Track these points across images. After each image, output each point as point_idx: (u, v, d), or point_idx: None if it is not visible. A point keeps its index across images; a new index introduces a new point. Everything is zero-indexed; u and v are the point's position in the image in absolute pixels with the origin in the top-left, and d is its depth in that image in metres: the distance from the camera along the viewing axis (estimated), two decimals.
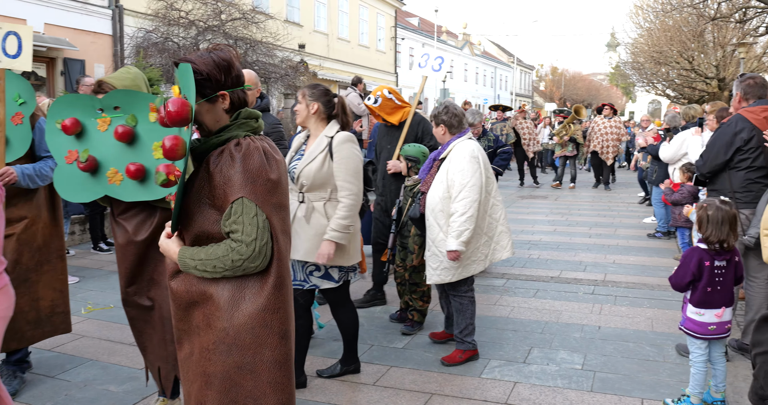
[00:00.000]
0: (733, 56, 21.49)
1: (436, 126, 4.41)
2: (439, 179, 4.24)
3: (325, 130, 3.83)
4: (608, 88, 74.94)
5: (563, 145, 15.16)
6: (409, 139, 5.57)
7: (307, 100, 3.82)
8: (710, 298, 3.68)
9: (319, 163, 3.73)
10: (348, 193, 3.74)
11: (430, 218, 4.27)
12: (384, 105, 5.56)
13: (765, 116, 4.25)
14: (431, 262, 4.32)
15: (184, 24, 13.35)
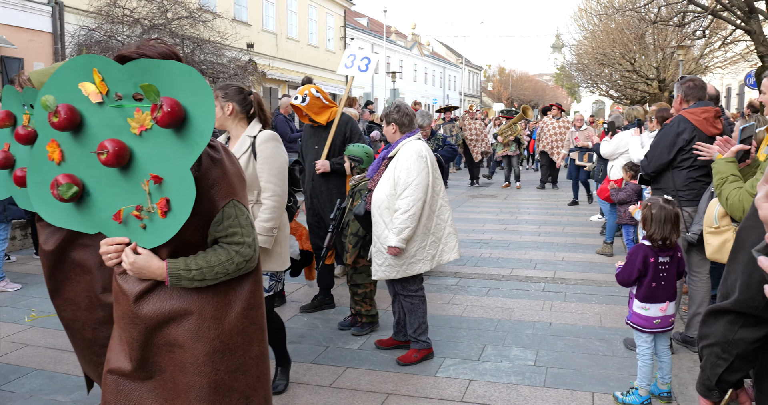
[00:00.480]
0: (673, 58, 22.23)
1: (386, 124, 4.40)
2: (386, 177, 4.27)
3: (247, 130, 3.68)
4: (554, 89, 76.59)
5: (506, 145, 15.31)
6: (338, 140, 5.54)
7: (221, 102, 3.62)
8: (655, 293, 3.81)
9: (242, 164, 3.54)
10: (271, 194, 3.60)
11: (375, 215, 4.29)
12: (312, 104, 5.44)
13: (705, 117, 4.41)
14: (376, 258, 4.33)
15: (128, 22, 13.04)
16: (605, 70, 29.33)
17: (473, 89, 69.42)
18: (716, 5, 10.87)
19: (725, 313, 1.39)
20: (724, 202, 3.05)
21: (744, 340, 1.38)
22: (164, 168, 1.96)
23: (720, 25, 15.71)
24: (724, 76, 29.03)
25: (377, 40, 41.23)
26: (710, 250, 3.42)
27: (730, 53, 23.69)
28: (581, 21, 29.69)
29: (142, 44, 2.10)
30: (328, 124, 5.55)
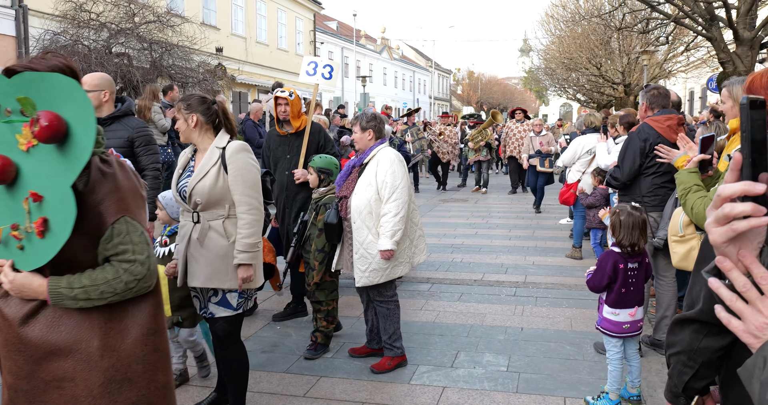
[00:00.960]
0: (637, 63, 22.66)
1: (362, 131, 4.39)
2: (366, 182, 4.27)
3: (215, 141, 3.48)
4: (522, 92, 77.41)
5: (477, 150, 15.26)
6: (311, 148, 5.43)
7: (183, 114, 3.45)
8: (624, 299, 3.89)
9: (212, 177, 3.37)
10: (248, 207, 3.41)
11: (357, 221, 4.26)
12: (296, 102, 5.34)
13: (668, 125, 4.53)
14: (360, 264, 4.29)
15: (94, 26, 12.86)
16: (572, 75, 29.78)
17: (443, 93, 69.83)
18: (679, 13, 11.12)
19: (691, 322, 1.44)
20: (689, 212, 3.12)
21: (709, 349, 1.42)
22: (45, 185, 1.86)
23: (683, 31, 16.09)
24: (687, 80, 29.68)
25: (347, 44, 41.25)
26: (676, 258, 3.51)
27: (693, 58, 24.26)
28: (548, 26, 30.13)
29: (35, 58, 2.00)
30: (297, 133, 5.44)
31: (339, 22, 45.38)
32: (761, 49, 10.89)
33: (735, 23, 9.87)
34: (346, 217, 4.37)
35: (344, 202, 4.39)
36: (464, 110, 64.63)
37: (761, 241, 1.07)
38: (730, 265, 1.05)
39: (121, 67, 12.27)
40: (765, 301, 1.02)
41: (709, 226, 1.09)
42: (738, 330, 1.06)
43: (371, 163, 4.34)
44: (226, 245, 3.41)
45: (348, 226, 4.42)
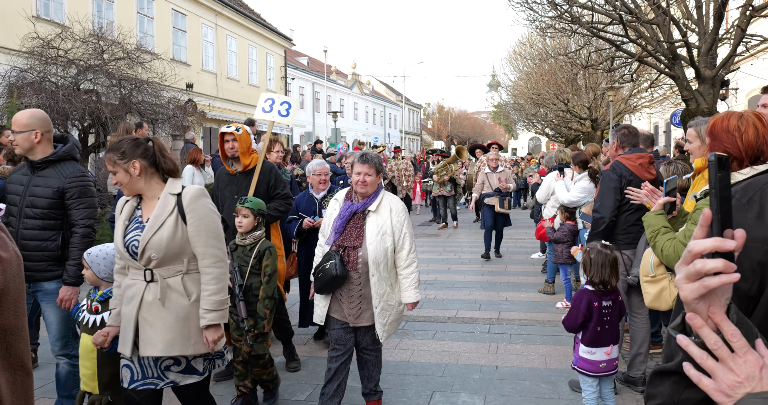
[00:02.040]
0: (603, 99, 23.18)
1: (377, 174, 4.06)
2: (379, 231, 4.00)
3: (167, 188, 3.13)
4: (492, 126, 78.56)
5: (442, 185, 14.87)
6: (261, 188, 5.15)
7: (121, 165, 3.06)
8: (600, 337, 3.88)
9: (170, 229, 3.02)
10: (213, 260, 3.08)
11: (376, 274, 3.98)
12: (244, 138, 5.12)
13: (640, 163, 4.61)
14: (381, 318, 4.03)
15: (62, 63, 12.73)
16: (540, 110, 30.32)
17: (413, 127, 70.51)
18: (642, 52, 11.43)
19: (670, 374, 1.41)
20: (659, 254, 3.16)
21: (689, 400, 1.40)
22: None
23: (647, 69, 16.55)
24: (652, 115, 30.44)
25: (318, 80, 41.56)
26: (648, 298, 3.53)
27: (656, 94, 24.92)
28: (516, 63, 30.78)
29: None
30: (247, 172, 5.19)
31: (310, 58, 45.78)
32: (722, 86, 11.25)
33: (696, 62, 10.18)
34: (355, 268, 4.00)
35: (352, 252, 4.00)
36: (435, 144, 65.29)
37: (728, 297, 1.06)
38: (700, 322, 1.04)
39: (89, 104, 12.14)
40: (736, 360, 1.01)
41: (680, 282, 1.08)
42: (709, 388, 1.03)
43: (380, 210, 4.06)
44: (187, 305, 3.06)
45: (358, 278, 4.03)
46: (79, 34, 13.46)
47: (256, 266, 4.37)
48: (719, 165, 1.02)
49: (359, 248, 4.00)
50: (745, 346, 1.02)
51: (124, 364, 3.14)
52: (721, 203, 1.02)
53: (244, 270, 4.36)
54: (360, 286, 4.01)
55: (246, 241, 4.42)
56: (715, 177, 1.02)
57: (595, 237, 4.67)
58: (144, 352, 3.04)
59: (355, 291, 4.03)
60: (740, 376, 1.00)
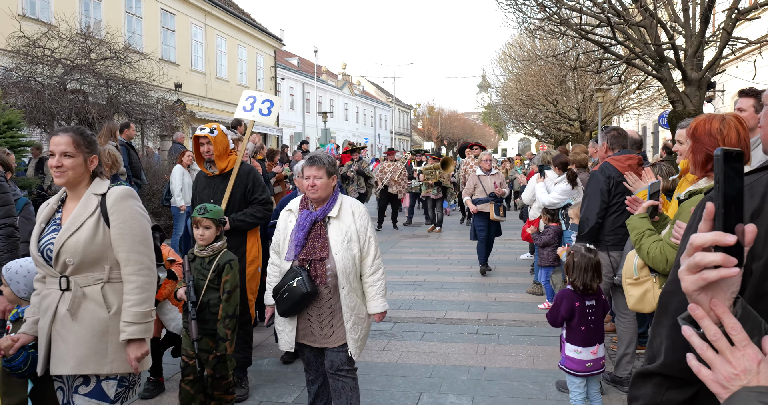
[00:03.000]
0: (592, 100, 23.29)
1: (329, 176, 3.64)
2: (344, 238, 3.63)
3: (91, 187, 2.84)
4: (482, 127, 78.75)
5: (429, 186, 14.70)
6: (237, 192, 4.87)
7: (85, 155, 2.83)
8: (586, 337, 3.90)
9: (89, 230, 2.71)
10: (138, 267, 2.75)
11: (346, 286, 3.62)
12: (220, 139, 4.80)
13: (629, 164, 4.65)
14: (353, 333, 3.66)
15: (48, 62, 12.65)
16: (530, 111, 30.44)
17: (404, 128, 70.58)
18: (630, 54, 11.51)
19: (653, 375, 1.43)
20: (645, 256, 3.19)
21: (671, 402, 1.41)
22: None
23: (634, 71, 16.65)
24: (640, 117, 30.62)
25: (308, 80, 41.51)
26: (632, 301, 3.56)
27: (644, 96, 25.08)
28: (506, 64, 30.89)
29: None
30: (224, 175, 4.91)
31: (300, 58, 45.73)
32: (708, 88, 11.33)
33: (683, 64, 10.25)
34: (325, 282, 3.60)
35: (319, 265, 3.61)
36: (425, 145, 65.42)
37: (735, 290, 1.08)
38: (702, 313, 1.06)
39: (76, 104, 12.07)
40: (735, 352, 1.03)
41: (682, 273, 1.10)
42: (707, 379, 1.06)
43: (342, 215, 3.69)
44: (105, 318, 2.72)
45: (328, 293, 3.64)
46: (66, 34, 13.39)
47: (214, 281, 3.96)
48: (726, 159, 1.04)
49: (326, 260, 3.60)
50: (745, 340, 1.03)
51: (58, 387, 2.86)
52: (725, 199, 1.03)
53: (201, 284, 3.95)
54: (330, 301, 3.62)
55: (205, 253, 4.00)
56: (721, 171, 1.04)
57: (582, 239, 4.70)
58: (54, 370, 2.73)
59: (325, 308, 3.64)
60: (737, 368, 1.01)
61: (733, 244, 1.02)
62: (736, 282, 1.07)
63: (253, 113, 5.48)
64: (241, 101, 5.57)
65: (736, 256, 1.03)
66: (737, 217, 1.04)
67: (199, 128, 4.84)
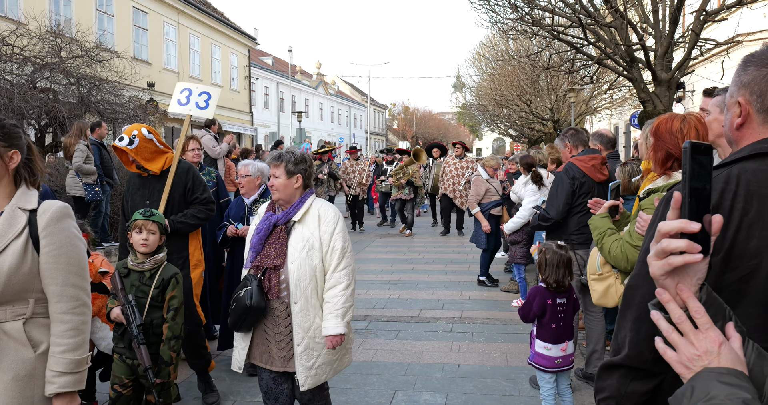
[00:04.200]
0: (565, 100, 23.57)
1: (288, 175, 3.31)
2: (304, 246, 3.25)
3: (15, 199, 2.24)
4: (457, 127, 79.13)
5: (399, 188, 13.87)
6: (176, 192, 4.51)
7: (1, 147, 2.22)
8: (555, 333, 3.96)
9: (15, 256, 2.14)
10: (74, 304, 2.23)
11: (300, 300, 3.21)
12: (142, 148, 4.38)
13: (592, 164, 4.73)
14: (305, 360, 3.21)
15: (17, 61, 12.42)
16: (504, 111, 30.69)
17: (379, 128, 70.62)
18: (601, 55, 11.67)
19: (617, 367, 1.46)
20: (607, 255, 3.27)
21: (636, 393, 1.45)
22: None
23: (606, 71, 16.88)
24: (612, 117, 31.03)
25: (283, 79, 41.34)
26: (596, 296, 3.64)
27: (616, 96, 25.43)
28: (480, 64, 31.11)
29: None
30: (162, 174, 4.53)
31: (274, 58, 45.52)
32: (678, 89, 11.53)
33: (653, 65, 10.42)
34: (278, 295, 3.26)
35: (273, 275, 3.27)
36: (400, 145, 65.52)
37: (701, 277, 1.14)
38: (668, 297, 1.12)
39: (46, 103, 11.86)
40: (698, 335, 1.08)
41: (650, 259, 1.15)
42: (672, 360, 1.11)
43: (306, 219, 3.33)
44: (31, 359, 2.18)
45: (285, 309, 3.28)
46: (36, 31, 13.15)
47: (157, 298, 3.53)
48: (693, 151, 1.09)
49: (281, 269, 3.25)
50: (708, 323, 1.09)
51: None
52: (691, 189, 1.08)
53: (141, 302, 3.49)
54: (289, 318, 3.24)
55: (145, 266, 3.54)
56: (687, 162, 1.09)
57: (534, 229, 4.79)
58: None
59: (284, 326, 3.26)
60: (700, 349, 1.07)
61: (697, 231, 1.07)
62: (702, 269, 1.13)
63: (189, 107, 5.08)
64: (174, 94, 5.11)
65: (702, 244, 1.08)
66: (704, 206, 1.09)
67: (117, 138, 4.37)
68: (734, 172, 1.33)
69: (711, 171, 1.12)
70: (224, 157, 11.19)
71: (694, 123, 2.42)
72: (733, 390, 1.01)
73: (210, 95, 5.09)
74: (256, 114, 35.06)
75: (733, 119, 1.45)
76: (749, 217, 1.27)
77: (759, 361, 1.12)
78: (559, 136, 5.15)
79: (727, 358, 1.06)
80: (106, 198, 9.70)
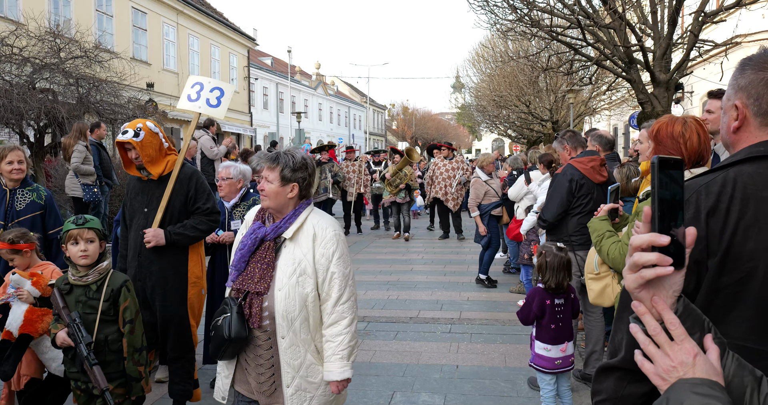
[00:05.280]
0: (564, 101, 23.59)
1: (283, 182, 2.77)
2: (295, 270, 2.74)
3: None
4: (456, 127, 79.13)
5: (397, 191, 13.20)
6: (177, 200, 4.07)
7: None
8: (555, 335, 3.97)
9: None
10: None
11: (288, 335, 2.72)
12: (148, 142, 3.96)
13: (591, 166, 4.74)
14: (296, 402, 2.78)
15: (17, 61, 12.41)
16: (503, 112, 30.71)
17: (378, 128, 70.61)
18: (600, 56, 11.69)
19: (614, 370, 1.47)
20: (605, 257, 3.29)
21: (632, 395, 1.45)
22: None
23: (605, 72, 16.90)
24: (611, 117, 31.06)
25: (282, 80, 41.33)
26: (592, 295, 3.65)
27: (615, 97, 25.46)
28: (479, 65, 31.13)
29: None
30: (162, 179, 4.08)
31: (274, 58, 45.50)
32: (677, 90, 11.56)
33: (652, 66, 10.44)
34: (260, 325, 2.75)
35: (255, 301, 2.75)
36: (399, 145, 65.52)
37: (677, 290, 1.14)
38: (643, 309, 1.12)
39: (45, 103, 11.86)
40: (673, 347, 1.09)
41: (625, 272, 1.16)
42: (649, 372, 1.12)
43: (299, 238, 2.79)
44: None
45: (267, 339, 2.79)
46: (35, 32, 13.16)
47: (109, 312, 3.23)
48: (661, 166, 1.10)
49: (264, 295, 2.75)
50: (683, 334, 1.10)
51: None
52: (660, 203, 1.09)
53: (91, 319, 3.19)
54: (271, 350, 2.79)
55: (89, 279, 3.22)
56: (655, 177, 1.10)
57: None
58: None
59: (265, 357, 2.80)
60: (675, 361, 1.08)
61: (666, 244, 1.08)
62: (677, 281, 1.13)
63: (199, 103, 4.54)
64: (185, 88, 4.62)
65: (677, 257, 1.09)
66: (672, 220, 1.10)
67: (121, 132, 3.98)
68: (731, 175, 1.34)
69: (682, 185, 1.13)
70: (222, 158, 11.19)
71: (695, 127, 2.42)
72: (706, 400, 1.01)
73: (223, 92, 4.57)
74: (256, 114, 35.06)
75: (730, 122, 1.46)
76: (746, 220, 1.27)
77: (739, 371, 1.13)
78: (557, 138, 5.16)
79: (702, 369, 1.07)
80: (105, 199, 9.71)
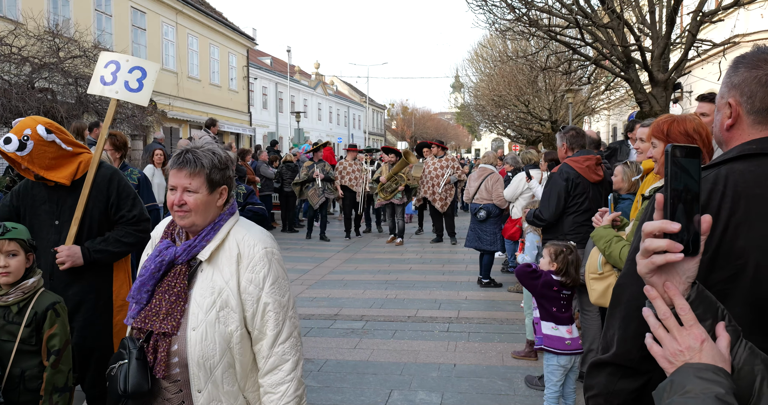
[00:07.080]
0: (563, 101, 23.58)
1: (212, 189, 2.11)
2: (215, 302, 2.07)
3: None
4: (455, 127, 79.16)
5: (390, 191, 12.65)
6: (95, 209, 3.32)
7: None
8: (559, 316, 4.00)
9: None
10: None
11: (205, 387, 2.07)
12: (39, 153, 3.14)
13: (587, 165, 4.75)
14: None
15: (16, 61, 12.42)
16: (502, 111, 30.69)
17: (377, 128, 70.61)
18: (598, 55, 11.69)
19: (606, 365, 1.49)
20: (617, 260, 3.30)
21: (624, 391, 1.47)
22: None
23: (603, 72, 16.91)
24: (610, 117, 31.05)
25: (281, 80, 41.32)
26: (594, 295, 3.65)
27: (614, 97, 25.46)
28: (478, 65, 31.12)
29: None
30: (74, 184, 3.29)
31: (273, 58, 45.48)
32: (675, 89, 11.57)
33: (650, 66, 10.45)
34: (168, 375, 2.10)
35: (162, 343, 2.10)
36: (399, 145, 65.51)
37: (690, 276, 1.17)
38: (655, 294, 1.15)
39: (44, 103, 11.88)
40: (682, 331, 1.11)
41: (638, 257, 1.18)
42: (657, 355, 1.15)
43: (219, 259, 2.13)
44: None
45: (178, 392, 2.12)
46: (34, 32, 13.17)
47: (30, 340, 2.65)
48: (673, 154, 1.12)
49: (173, 337, 2.09)
50: (692, 320, 1.12)
51: None
52: (672, 190, 1.12)
53: (7, 348, 2.62)
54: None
55: (10, 299, 2.65)
56: (668, 165, 1.12)
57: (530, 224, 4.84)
58: None
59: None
60: (682, 345, 1.10)
61: (677, 231, 1.10)
62: (691, 268, 1.16)
63: (115, 87, 3.59)
64: (97, 68, 3.67)
65: (690, 243, 1.11)
66: (689, 207, 1.12)
67: (2, 140, 3.15)
68: (722, 173, 1.35)
69: (698, 172, 1.14)
70: None
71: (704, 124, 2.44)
72: (708, 385, 1.04)
73: (145, 72, 3.63)
74: (255, 114, 35.03)
75: (723, 120, 1.47)
76: (736, 218, 1.28)
77: (750, 359, 1.14)
78: (559, 132, 5.17)
79: (708, 355, 1.09)
80: None
